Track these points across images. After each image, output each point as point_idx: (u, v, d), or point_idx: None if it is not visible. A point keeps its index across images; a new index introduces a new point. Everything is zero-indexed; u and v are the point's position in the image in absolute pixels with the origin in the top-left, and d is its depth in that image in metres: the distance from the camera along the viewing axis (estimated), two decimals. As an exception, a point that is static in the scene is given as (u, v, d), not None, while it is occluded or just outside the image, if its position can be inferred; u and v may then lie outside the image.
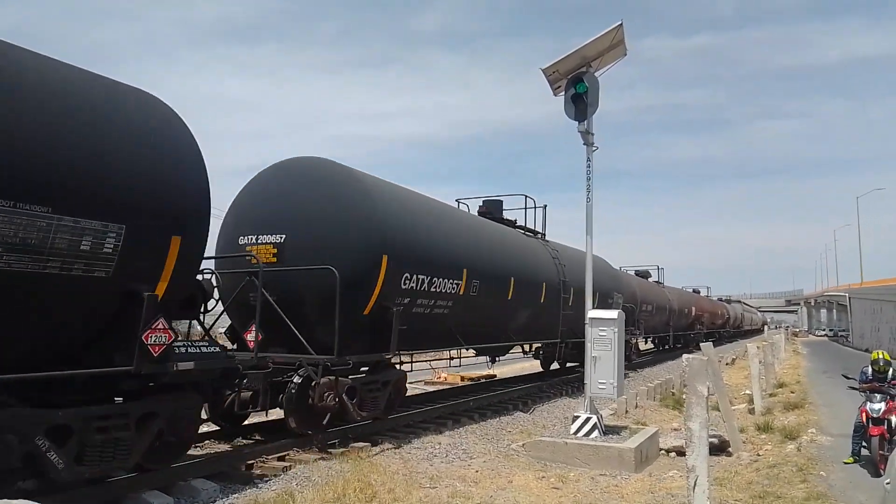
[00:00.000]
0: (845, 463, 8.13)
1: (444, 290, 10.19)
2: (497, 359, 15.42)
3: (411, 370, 11.69)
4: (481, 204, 14.61)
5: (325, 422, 8.44)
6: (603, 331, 9.36)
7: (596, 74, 9.51)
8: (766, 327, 58.17)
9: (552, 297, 14.48)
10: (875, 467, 7.52)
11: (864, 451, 8.10)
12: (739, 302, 71.22)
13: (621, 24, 9.28)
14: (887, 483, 3.85)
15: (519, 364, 24.85)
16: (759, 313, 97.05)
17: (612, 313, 9.55)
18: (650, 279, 30.72)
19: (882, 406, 7.92)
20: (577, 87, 9.26)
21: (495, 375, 18.80)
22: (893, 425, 7.82)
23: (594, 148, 9.59)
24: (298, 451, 7.85)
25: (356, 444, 8.38)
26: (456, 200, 14.33)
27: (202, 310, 7.00)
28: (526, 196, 15.84)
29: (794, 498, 6.40)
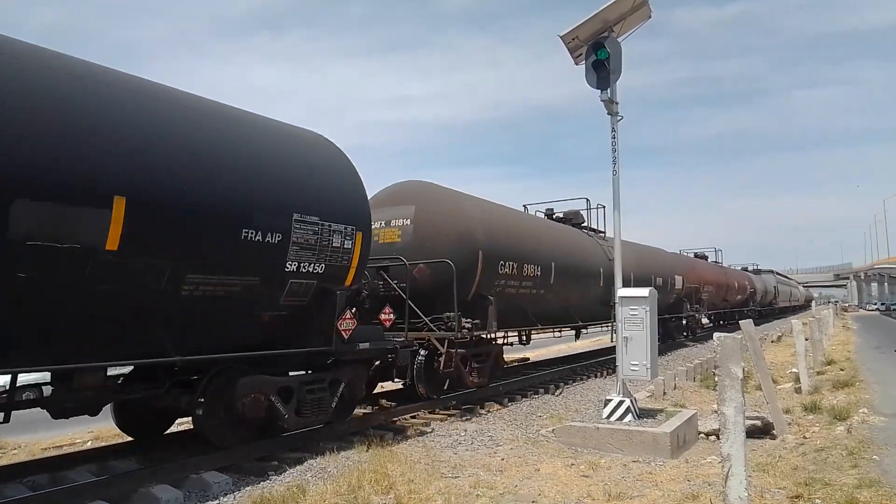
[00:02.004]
0: (901, 445, 7.55)
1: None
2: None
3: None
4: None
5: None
6: (634, 310, 8.91)
7: (619, 40, 8.98)
8: (813, 303, 56.00)
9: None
10: (934, 449, 6.94)
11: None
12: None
13: (644, -17, 8.73)
14: None
15: (556, 347, 24.48)
16: (800, 287, 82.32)
17: (644, 291, 9.07)
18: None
19: None
20: (598, 53, 8.74)
21: (528, 358, 18.44)
22: None
23: (619, 118, 9.07)
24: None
25: (377, 432, 8.16)
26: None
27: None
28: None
29: (845, 485, 5.89)
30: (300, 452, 7.18)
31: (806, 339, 13.55)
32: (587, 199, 17.80)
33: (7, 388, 5.67)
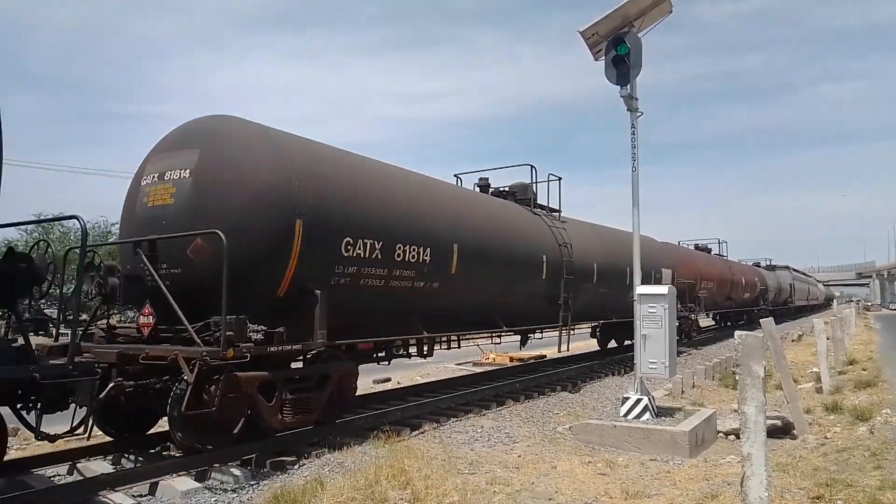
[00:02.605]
0: (925, 447, 7.42)
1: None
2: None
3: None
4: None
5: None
6: (653, 307, 8.88)
7: (639, 35, 8.90)
8: (834, 302, 54.92)
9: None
10: (960, 452, 6.81)
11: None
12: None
13: (665, -22, 8.63)
14: None
15: (573, 343, 24.29)
16: (819, 286, 77.06)
17: (663, 289, 9.03)
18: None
19: None
20: (618, 48, 8.67)
21: (545, 355, 18.38)
22: None
23: (639, 114, 9.00)
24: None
25: (394, 428, 8.18)
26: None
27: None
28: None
29: (867, 487, 5.80)
30: (318, 447, 7.23)
31: (827, 339, 13.36)
32: (532, 167, 13.76)
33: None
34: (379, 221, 8.10)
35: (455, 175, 13.21)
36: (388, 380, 16.24)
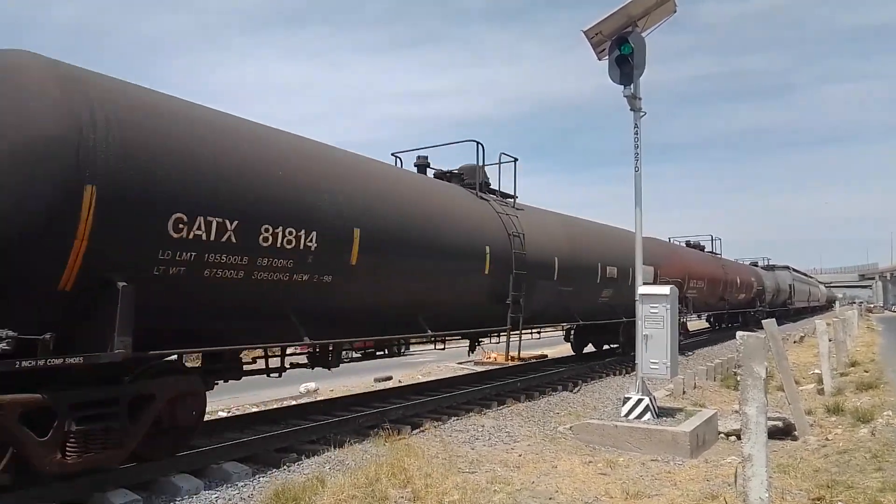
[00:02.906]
0: (927, 449, 7.40)
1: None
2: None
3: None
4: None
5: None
6: (654, 308, 8.88)
7: (643, 35, 8.89)
8: (836, 303, 54.71)
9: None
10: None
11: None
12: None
13: (669, -22, 8.63)
14: None
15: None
16: (821, 287, 74.90)
17: (664, 289, 9.03)
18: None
19: None
20: (621, 48, 8.66)
21: (546, 355, 18.40)
22: None
23: (642, 114, 8.99)
24: None
25: (395, 426, 8.19)
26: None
27: None
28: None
29: (868, 488, 5.79)
30: (318, 444, 7.24)
31: (829, 340, 13.35)
32: (479, 144, 11.35)
33: None
34: (232, 194, 6.05)
35: (393, 154, 11.28)
36: (390, 378, 16.30)
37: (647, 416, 8.57)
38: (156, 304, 5.49)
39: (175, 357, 6.33)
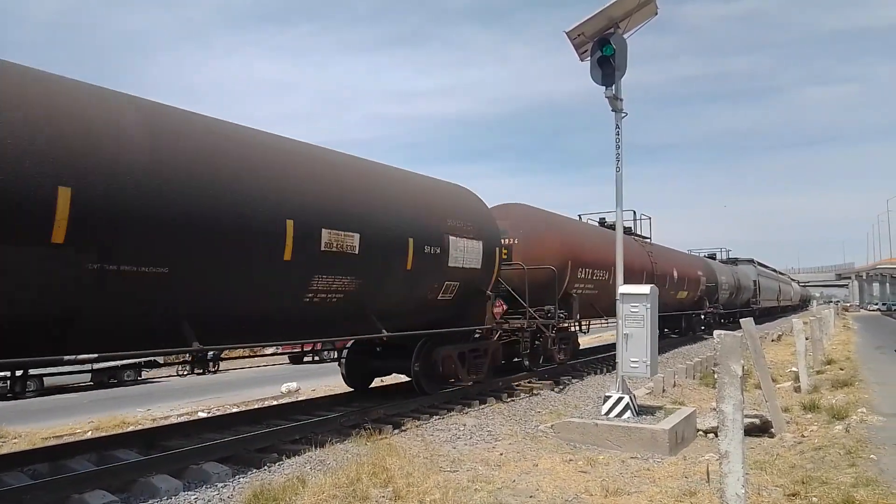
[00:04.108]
0: (899, 445, 7.55)
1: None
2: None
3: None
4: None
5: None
6: (635, 307, 8.95)
7: (624, 36, 8.96)
8: (813, 303, 55.37)
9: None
10: (933, 450, 6.94)
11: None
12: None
13: (650, -20, 8.69)
14: None
15: (582, 338, 24.09)
16: (794, 284, 69.39)
17: (645, 288, 9.10)
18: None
19: None
20: (603, 49, 8.72)
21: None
22: None
23: (623, 114, 9.06)
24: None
25: (376, 426, 8.18)
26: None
27: None
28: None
29: (842, 484, 5.90)
30: (299, 444, 7.21)
31: (806, 339, 13.55)
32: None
33: None
34: None
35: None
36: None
37: (628, 414, 8.64)
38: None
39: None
